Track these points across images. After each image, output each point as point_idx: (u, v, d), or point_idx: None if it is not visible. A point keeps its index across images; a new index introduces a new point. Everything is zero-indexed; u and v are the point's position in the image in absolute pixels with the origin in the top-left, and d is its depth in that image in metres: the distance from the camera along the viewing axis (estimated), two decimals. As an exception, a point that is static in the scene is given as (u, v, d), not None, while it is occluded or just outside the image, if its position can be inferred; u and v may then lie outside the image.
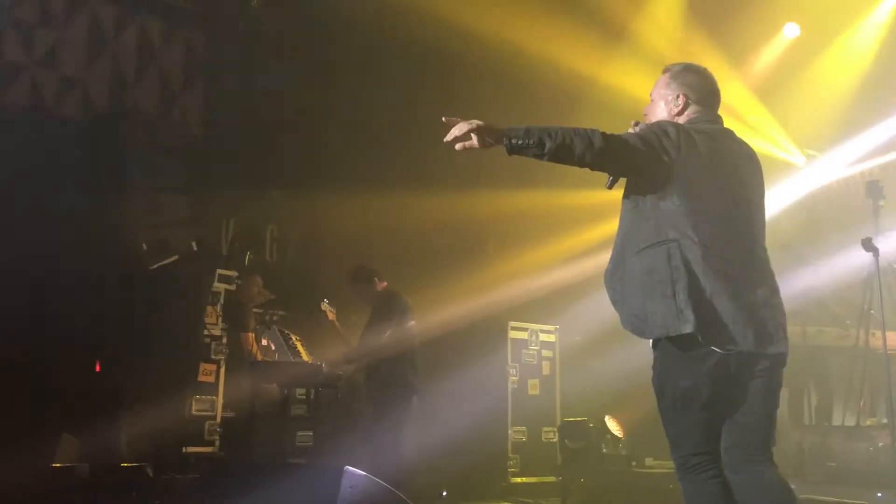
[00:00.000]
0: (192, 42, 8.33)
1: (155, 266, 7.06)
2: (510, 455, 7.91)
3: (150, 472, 6.29)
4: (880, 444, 5.42)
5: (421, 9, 7.72)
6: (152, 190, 7.30)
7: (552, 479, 7.62)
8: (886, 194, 5.17)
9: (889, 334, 5.32)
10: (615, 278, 3.23)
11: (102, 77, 7.78)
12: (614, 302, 3.24)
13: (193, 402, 7.38)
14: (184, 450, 7.19)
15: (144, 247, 7.14)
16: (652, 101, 3.44)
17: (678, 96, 3.36)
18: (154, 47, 8.09)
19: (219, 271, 7.68)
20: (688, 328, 2.93)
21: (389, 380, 6.16)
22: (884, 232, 4.33)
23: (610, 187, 3.25)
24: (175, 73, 8.18)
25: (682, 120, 3.33)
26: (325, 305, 6.77)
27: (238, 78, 8.43)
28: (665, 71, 3.46)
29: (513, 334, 8.33)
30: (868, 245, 3.85)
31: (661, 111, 3.38)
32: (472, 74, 8.59)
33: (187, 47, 8.28)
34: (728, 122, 3.42)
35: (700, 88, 3.38)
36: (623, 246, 3.20)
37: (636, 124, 3.34)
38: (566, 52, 8.21)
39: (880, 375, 4.98)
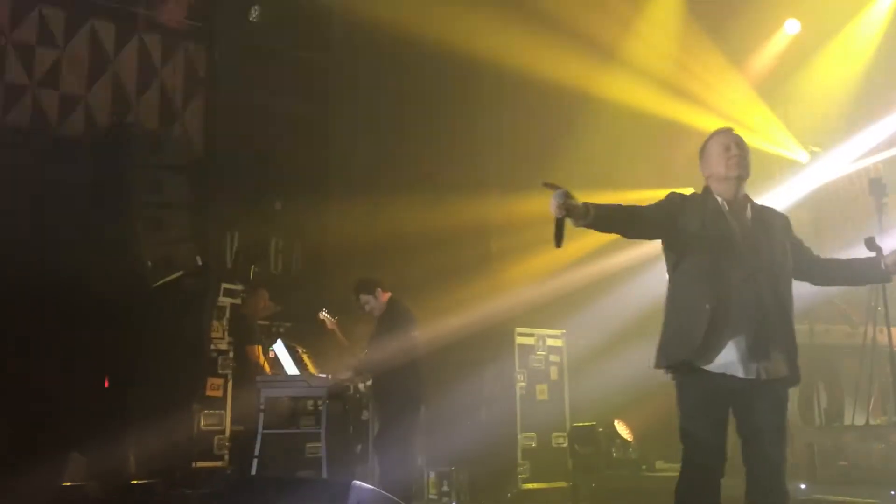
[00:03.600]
0: (193, 58, 8.36)
1: (160, 282, 7.08)
2: (520, 461, 7.88)
3: (160, 488, 6.31)
4: (892, 443, 5.39)
5: (425, 23, 7.75)
6: (156, 206, 7.32)
7: (563, 484, 7.59)
8: (890, 191, 5.11)
9: (895, 331, 5.28)
10: None
11: (104, 95, 7.82)
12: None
13: (202, 417, 7.40)
14: (193, 465, 7.20)
15: (149, 263, 7.16)
16: None
17: None
18: (154, 64, 8.13)
19: (224, 285, 7.70)
20: None
21: (395, 391, 6.14)
22: (887, 230, 4.29)
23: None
24: (176, 90, 8.21)
25: None
26: (323, 315, 6.76)
27: (238, 92, 8.46)
28: None
29: (520, 340, 8.31)
30: (871, 244, 3.81)
31: None
32: (472, 81, 8.61)
33: (187, 63, 8.32)
34: (729, 123, 3.44)
35: None
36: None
37: None
38: (566, 59, 8.22)
39: (889, 373, 4.94)
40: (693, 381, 3.38)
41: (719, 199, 3.50)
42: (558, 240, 3.23)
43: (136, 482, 6.31)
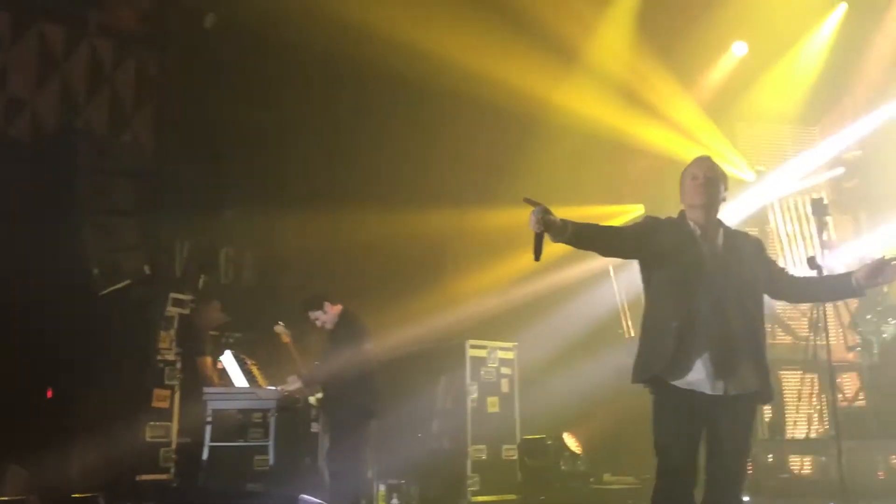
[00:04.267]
0: (144, 64, 8.26)
1: (107, 291, 6.95)
2: (470, 474, 7.89)
3: (102, 501, 6.17)
4: (831, 456, 5.52)
5: (377, 33, 7.77)
6: (103, 213, 7.18)
7: (513, 496, 7.62)
8: (831, 211, 5.26)
9: (835, 347, 5.44)
10: None
11: (52, 98, 7.68)
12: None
13: (148, 429, 7.25)
14: (138, 477, 7.06)
15: (96, 271, 7.02)
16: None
17: None
18: (105, 69, 8.01)
19: (172, 295, 7.57)
20: None
21: (346, 404, 6.12)
22: (828, 248, 4.42)
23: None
24: (127, 95, 8.10)
25: None
26: (279, 328, 6.70)
27: (190, 100, 8.37)
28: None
29: (472, 352, 8.33)
30: (812, 263, 3.96)
31: None
32: (428, 95, 8.64)
33: (139, 69, 8.21)
34: (678, 141, 3.55)
35: None
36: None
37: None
38: (520, 75, 8.31)
39: (829, 387, 5.07)
40: (665, 396, 3.53)
41: (692, 223, 3.66)
42: (537, 253, 3.38)
43: (78, 496, 6.16)
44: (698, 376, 3.45)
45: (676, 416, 3.50)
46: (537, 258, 3.37)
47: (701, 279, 3.53)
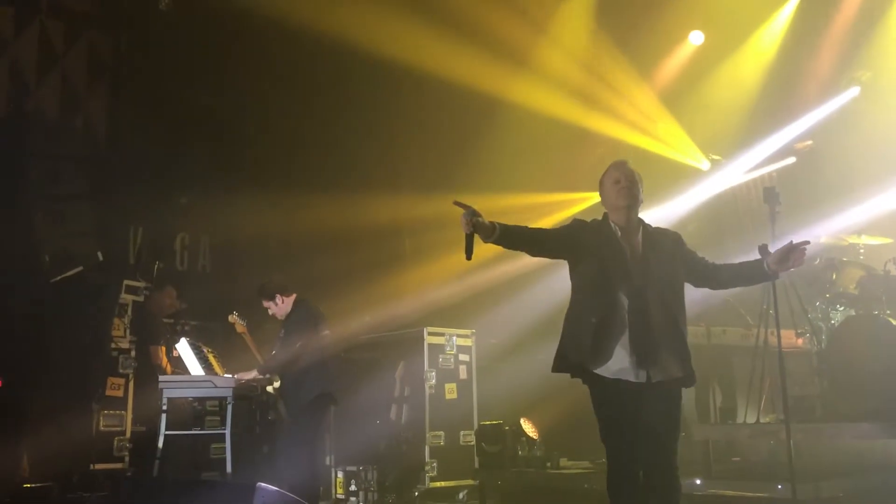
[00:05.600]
0: (97, 45, 8.09)
1: (58, 278, 6.82)
2: (428, 460, 7.93)
3: (56, 491, 6.09)
4: (780, 440, 5.64)
5: (336, 16, 7.72)
6: (55, 198, 7.06)
7: (470, 482, 7.67)
8: (783, 200, 5.35)
9: (784, 333, 5.54)
10: None
11: (1, 81, 7.49)
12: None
13: (101, 418, 7.16)
14: (92, 467, 6.97)
15: (47, 258, 6.89)
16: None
17: None
18: (56, 51, 7.82)
19: (126, 282, 7.46)
20: None
21: (303, 391, 6.10)
22: (779, 237, 4.51)
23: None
24: (79, 78, 7.93)
25: None
26: (233, 318, 6.65)
27: (145, 82, 8.22)
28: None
29: (430, 339, 8.34)
30: (764, 251, 4.06)
31: None
32: (386, 81, 8.61)
33: (91, 51, 8.03)
34: (635, 132, 3.65)
35: None
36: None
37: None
38: (478, 62, 8.31)
39: (778, 373, 5.19)
40: (597, 387, 3.80)
41: (613, 224, 3.93)
42: (468, 252, 3.67)
43: (29, 485, 6.07)
44: (621, 365, 3.70)
45: (609, 403, 3.76)
46: (468, 257, 3.67)
47: (621, 276, 3.78)
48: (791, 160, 8.77)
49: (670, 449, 3.74)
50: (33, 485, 6.08)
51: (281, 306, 6.27)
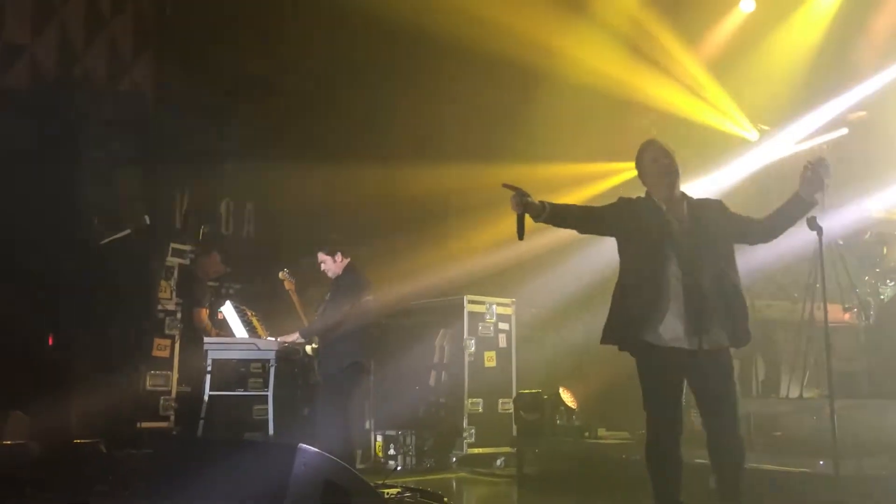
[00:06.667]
0: (143, 10, 8.14)
1: (107, 240, 6.95)
2: (466, 426, 8.00)
3: (103, 447, 6.25)
4: (823, 416, 5.57)
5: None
6: (103, 163, 7.16)
7: (507, 449, 7.72)
8: (833, 172, 5.22)
9: (831, 307, 5.44)
10: None
11: (50, 46, 7.58)
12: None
13: (148, 378, 7.33)
14: (138, 425, 7.15)
15: (96, 221, 7.02)
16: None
17: None
18: (103, 15, 7.89)
19: (172, 245, 7.59)
20: None
21: (338, 358, 6.18)
22: (828, 210, 4.41)
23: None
24: (125, 43, 8.00)
25: None
26: (283, 274, 6.77)
27: (191, 47, 8.26)
28: None
29: (470, 307, 8.38)
30: (812, 224, 4.04)
31: None
32: (431, 48, 8.54)
33: (137, 15, 8.09)
34: (682, 97, 3.62)
35: None
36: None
37: None
38: (525, 29, 8.20)
39: (823, 349, 5.10)
40: (647, 356, 3.88)
41: (657, 200, 4.02)
42: (520, 232, 3.84)
43: (78, 441, 6.24)
44: (676, 334, 3.79)
45: (657, 373, 3.85)
46: (520, 237, 3.83)
47: (670, 248, 3.86)
48: (843, 131, 8.54)
49: (731, 413, 3.79)
50: (83, 440, 6.25)
51: (335, 265, 6.34)
